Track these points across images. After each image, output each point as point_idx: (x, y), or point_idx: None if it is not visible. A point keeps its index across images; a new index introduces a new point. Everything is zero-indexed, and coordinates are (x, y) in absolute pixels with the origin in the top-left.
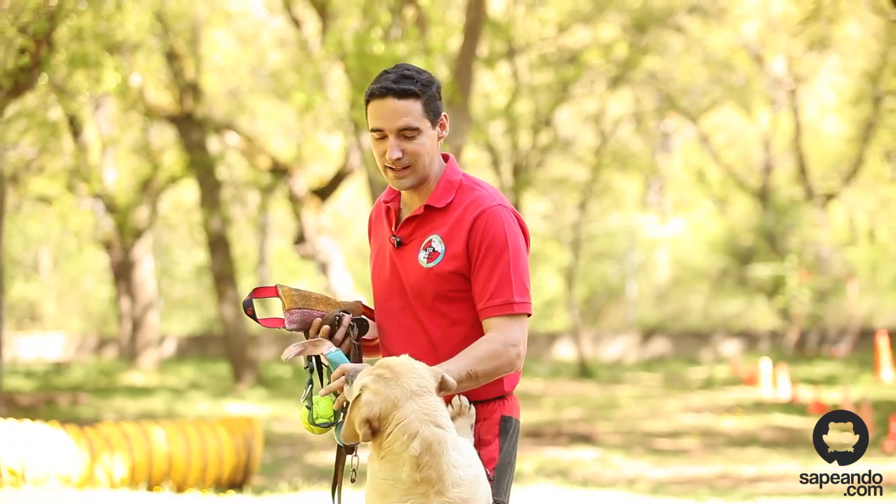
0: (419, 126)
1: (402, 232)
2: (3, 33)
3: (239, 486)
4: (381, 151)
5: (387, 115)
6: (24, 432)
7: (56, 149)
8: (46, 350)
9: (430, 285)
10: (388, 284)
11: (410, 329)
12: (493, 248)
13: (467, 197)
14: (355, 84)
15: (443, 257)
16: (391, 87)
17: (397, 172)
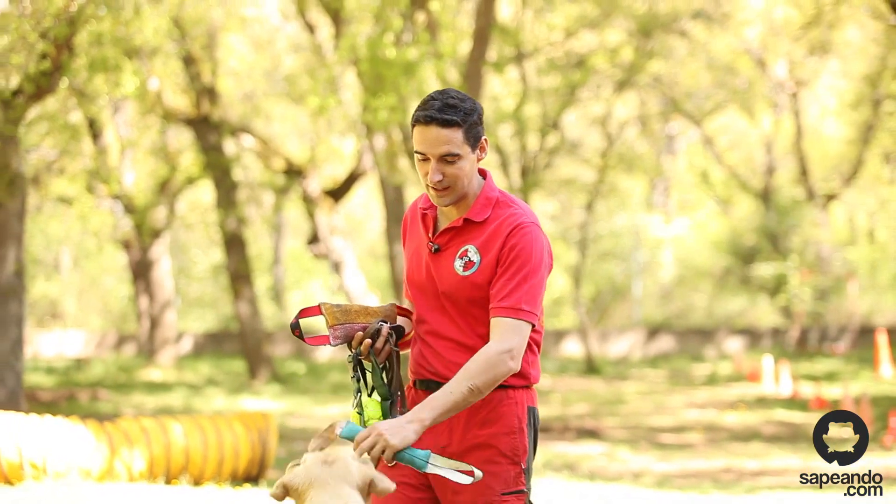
0: (460, 152)
1: (440, 240)
2: (25, 38)
3: (254, 479)
4: (424, 172)
5: (430, 142)
6: (46, 427)
7: (76, 151)
8: (67, 347)
9: (465, 291)
10: (423, 285)
11: (442, 326)
12: (517, 259)
13: (503, 212)
14: (368, 88)
15: (478, 267)
16: (435, 115)
17: (438, 192)
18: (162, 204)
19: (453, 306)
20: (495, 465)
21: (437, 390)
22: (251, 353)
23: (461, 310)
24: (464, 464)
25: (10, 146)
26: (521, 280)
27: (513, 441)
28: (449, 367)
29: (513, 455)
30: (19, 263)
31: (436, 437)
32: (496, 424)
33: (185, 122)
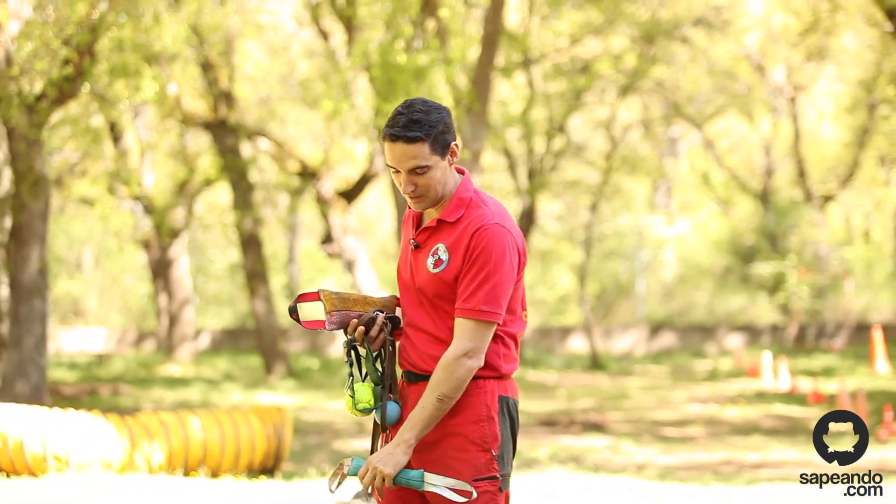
0: (428, 164)
1: (420, 237)
2: (49, 45)
3: (270, 471)
4: (399, 182)
5: (398, 157)
6: (69, 421)
7: (98, 154)
8: (89, 343)
9: (434, 287)
10: (406, 280)
11: (420, 319)
12: (478, 260)
13: (473, 213)
14: (380, 92)
15: (446, 265)
16: (400, 133)
17: (414, 200)
18: (180, 205)
19: (427, 301)
20: (465, 453)
21: (415, 381)
22: (267, 350)
23: (433, 304)
24: (460, 482)
25: (33, 149)
26: (482, 281)
27: (481, 429)
28: (424, 358)
29: (482, 442)
30: (43, 262)
31: None
32: (464, 413)
33: (202, 125)
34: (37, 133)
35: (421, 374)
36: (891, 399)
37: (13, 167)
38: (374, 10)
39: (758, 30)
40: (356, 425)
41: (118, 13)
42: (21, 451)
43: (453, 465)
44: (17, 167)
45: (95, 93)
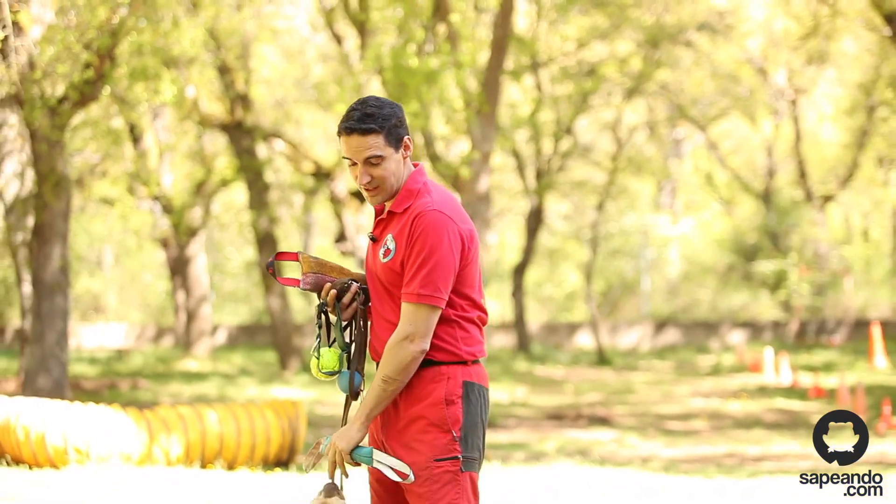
0: (382, 154)
1: (375, 231)
2: (71, 49)
3: (284, 464)
4: (355, 175)
5: (354, 149)
6: (89, 414)
7: (118, 155)
8: (109, 339)
9: (386, 276)
10: (369, 271)
11: (382, 308)
12: (416, 245)
13: (416, 203)
14: (392, 95)
15: (393, 254)
16: (355, 126)
17: (370, 192)
18: (198, 204)
19: (383, 290)
20: (426, 434)
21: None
22: (282, 345)
23: (389, 293)
24: (402, 463)
25: (55, 150)
26: (419, 265)
27: (440, 411)
28: (383, 344)
29: (441, 423)
30: (64, 260)
31: (384, 419)
32: (427, 399)
33: (219, 127)
34: (59, 135)
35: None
36: (889, 393)
37: (36, 168)
38: (386, 14)
39: (760, 34)
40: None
41: (138, 18)
42: (43, 443)
43: (414, 447)
44: (40, 168)
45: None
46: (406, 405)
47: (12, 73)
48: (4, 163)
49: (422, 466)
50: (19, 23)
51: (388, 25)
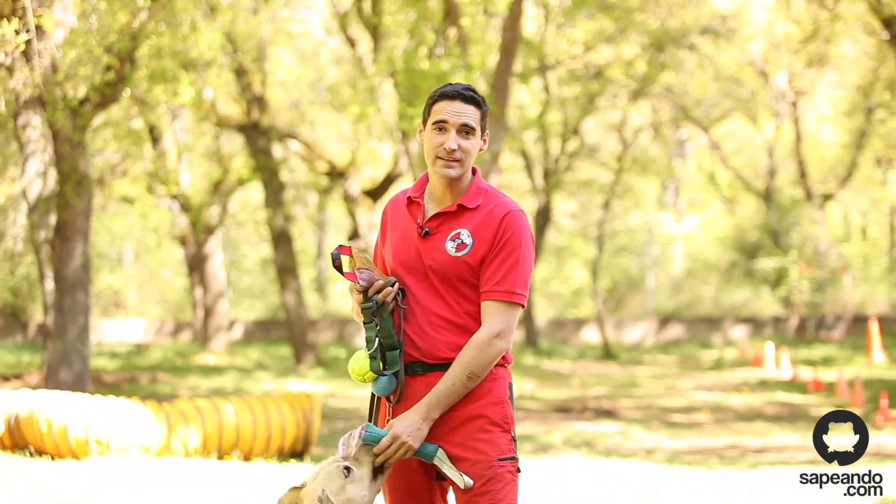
0: (476, 127)
1: (430, 224)
2: (92, 52)
3: (299, 455)
4: (439, 143)
5: (453, 112)
6: (110, 407)
7: (138, 155)
8: (129, 334)
9: (456, 270)
10: (412, 265)
11: (432, 303)
12: (509, 244)
13: (493, 201)
14: (404, 97)
15: (470, 248)
16: (461, 91)
17: (448, 163)
18: (215, 203)
19: (442, 284)
20: (488, 433)
21: (423, 372)
22: (297, 340)
23: (451, 287)
24: (464, 474)
25: (77, 150)
26: (513, 264)
27: (502, 410)
28: (440, 346)
29: (503, 423)
30: (86, 257)
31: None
32: (486, 397)
33: (236, 128)
34: (80, 135)
35: (433, 363)
36: (886, 387)
37: (58, 168)
38: (398, 18)
39: (761, 38)
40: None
41: (157, 22)
42: (65, 435)
43: (475, 446)
44: (62, 167)
45: (136, 97)
46: (462, 402)
47: (36, 76)
48: (28, 163)
49: (485, 466)
50: (42, 27)
51: (400, 29)
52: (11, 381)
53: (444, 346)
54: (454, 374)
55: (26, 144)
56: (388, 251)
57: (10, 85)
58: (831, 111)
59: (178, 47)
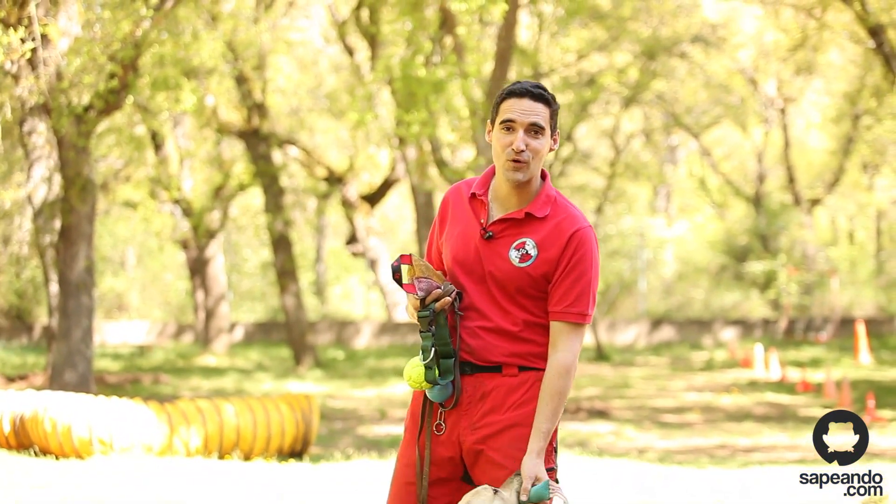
0: (545, 126)
1: (495, 227)
2: (96, 60)
3: (298, 455)
4: (507, 143)
5: (522, 110)
6: (113, 407)
7: (140, 160)
8: (131, 336)
9: (518, 281)
10: (470, 266)
11: (488, 309)
12: (581, 263)
13: (562, 212)
14: (401, 104)
15: (534, 260)
16: (530, 89)
17: (516, 165)
18: (216, 208)
19: (501, 292)
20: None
21: (472, 372)
22: (296, 342)
23: (509, 296)
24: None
25: (81, 156)
26: (585, 285)
27: None
28: (492, 351)
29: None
30: (89, 261)
31: (470, 418)
32: (531, 404)
33: (237, 134)
34: (84, 141)
35: (483, 365)
36: (873, 388)
37: (63, 173)
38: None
39: (751, 46)
40: (378, 412)
41: (160, 31)
42: (69, 435)
43: (518, 457)
44: (66, 173)
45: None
46: (505, 409)
47: (41, 83)
48: (33, 168)
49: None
50: (48, 35)
51: (397, 38)
52: (17, 381)
53: (497, 353)
54: (553, 403)
55: (32, 150)
56: (447, 246)
57: (16, 92)
58: (819, 118)
59: (180, 55)
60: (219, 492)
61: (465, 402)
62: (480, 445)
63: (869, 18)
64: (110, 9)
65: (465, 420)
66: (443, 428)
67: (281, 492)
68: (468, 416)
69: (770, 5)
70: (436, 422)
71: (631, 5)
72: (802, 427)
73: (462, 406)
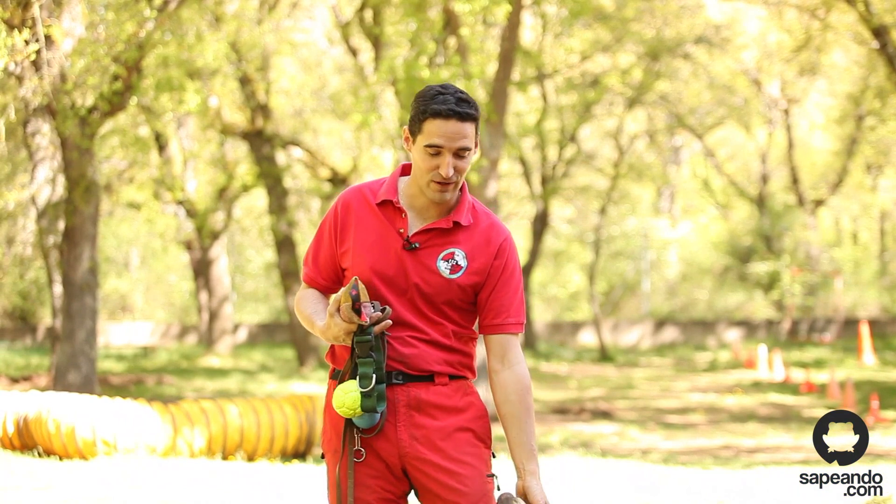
0: (471, 147)
1: (419, 238)
2: (100, 61)
3: (302, 455)
4: (433, 166)
5: (449, 135)
6: (117, 408)
7: (144, 161)
8: (135, 336)
9: (446, 293)
10: (392, 278)
11: (416, 321)
12: (514, 274)
13: (484, 219)
14: (405, 105)
15: (464, 271)
16: (455, 109)
17: (442, 187)
18: (220, 209)
19: (427, 304)
20: (474, 448)
21: (404, 382)
22: (300, 343)
23: (435, 308)
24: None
25: (85, 157)
26: (520, 294)
27: (486, 425)
28: (428, 361)
29: (486, 438)
30: (93, 262)
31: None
32: (469, 411)
33: (241, 135)
34: (88, 143)
35: (415, 374)
36: (877, 388)
37: (67, 174)
38: (399, 28)
39: (754, 47)
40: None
41: (163, 32)
42: (73, 436)
43: (467, 460)
44: (70, 174)
45: (142, 105)
46: (444, 415)
47: (45, 85)
48: (37, 169)
49: (480, 480)
50: (51, 37)
51: (401, 39)
52: (21, 382)
53: (431, 361)
54: (528, 424)
55: (35, 152)
56: (358, 255)
57: (20, 93)
58: (823, 119)
59: (183, 57)
60: (222, 493)
61: (401, 412)
62: (425, 453)
63: (873, 19)
64: (114, 10)
65: (402, 431)
66: (362, 454)
67: (284, 493)
68: (405, 426)
69: (774, 6)
70: (355, 448)
71: (634, 6)
72: (806, 428)
73: (399, 416)
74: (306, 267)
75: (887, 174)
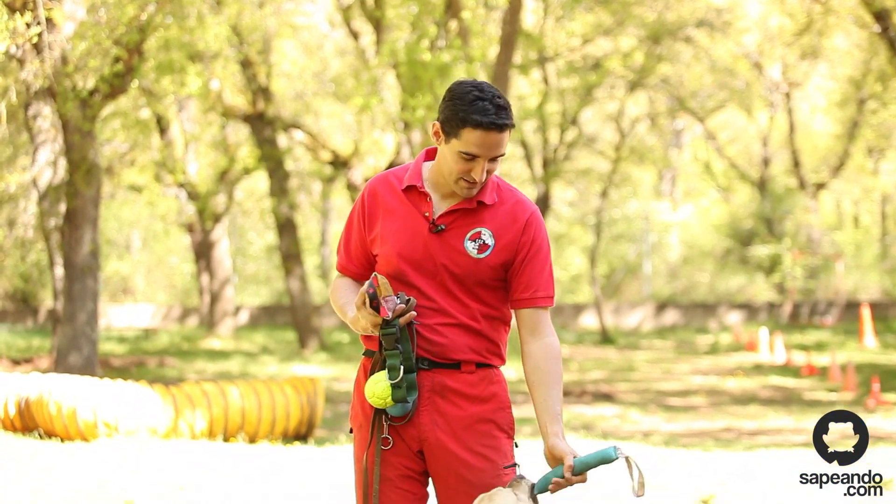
0: (505, 151)
1: (444, 219)
2: (101, 44)
3: (303, 437)
4: (466, 169)
5: (488, 146)
6: (118, 390)
7: (145, 144)
8: (137, 319)
9: (478, 274)
10: (419, 262)
11: (447, 304)
12: (542, 249)
13: (509, 197)
14: (406, 88)
15: (492, 250)
16: (496, 122)
17: (471, 185)
18: (221, 191)
19: (458, 286)
20: (495, 440)
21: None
22: (301, 325)
23: (467, 290)
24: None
25: (87, 140)
26: (548, 268)
27: (508, 416)
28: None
29: (508, 429)
30: (95, 244)
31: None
32: (492, 401)
33: (242, 118)
34: (90, 125)
35: (442, 362)
36: (878, 371)
37: (68, 157)
38: (401, 11)
39: (756, 30)
40: None
41: (165, 15)
42: (74, 418)
43: (486, 454)
44: (72, 157)
45: (144, 88)
46: (467, 404)
47: (46, 68)
48: (38, 152)
49: (492, 474)
50: (53, 20)
51: (402, 22)
52: (22, 364)
53: (458, 349)
54: (556, 390)
55: (37, 134)
56: (386, 243)
57: (22, 76)
58: (824, 102)
59: (185, 39)
60: (224, 474)
61: (425, 396)
62: (444, 440)
63: (874, 3)
64: None
65: (425, 416)
66: (390, 442)
67: (285, 474)
68: (427, 410)
69: None
70: (383, 435)
71: None
72: (807, 410)
73: (422, 400)
74: (339, 256)
75: (888, 157)
